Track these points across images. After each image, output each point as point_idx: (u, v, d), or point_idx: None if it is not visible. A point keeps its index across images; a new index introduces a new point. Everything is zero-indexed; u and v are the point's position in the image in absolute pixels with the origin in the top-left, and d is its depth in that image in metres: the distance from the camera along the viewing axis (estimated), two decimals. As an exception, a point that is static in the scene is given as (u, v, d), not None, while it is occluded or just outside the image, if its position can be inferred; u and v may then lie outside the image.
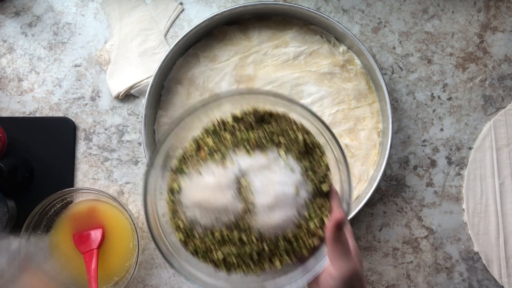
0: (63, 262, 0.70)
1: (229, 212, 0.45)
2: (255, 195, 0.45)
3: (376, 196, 0.73)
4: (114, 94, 0.74)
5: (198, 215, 0.45)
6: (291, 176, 0.46)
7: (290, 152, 0.47)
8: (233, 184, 0.45)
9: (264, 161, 0.46)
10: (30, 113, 0.75)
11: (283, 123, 0.49)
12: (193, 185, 0.46)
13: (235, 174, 0.46)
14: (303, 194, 0.46)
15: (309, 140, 0.48)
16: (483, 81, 0.75)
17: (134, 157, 0.74)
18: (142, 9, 0.76)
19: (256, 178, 0.45)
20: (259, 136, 0.48)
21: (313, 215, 0.46)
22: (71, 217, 0.71)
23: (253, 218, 0.45)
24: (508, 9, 0.75)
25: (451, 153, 0.74)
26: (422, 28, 0.75)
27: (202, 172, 0.46)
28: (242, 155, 0.47)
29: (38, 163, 0.73)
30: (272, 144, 0.47)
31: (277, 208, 0.45)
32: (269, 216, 0.45)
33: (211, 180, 0.45)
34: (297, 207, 0.46)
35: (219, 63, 0.72)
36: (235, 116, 0.49)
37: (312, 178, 0.47)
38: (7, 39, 0.76)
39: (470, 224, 0.72)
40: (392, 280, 0.73)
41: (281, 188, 0.45)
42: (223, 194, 0.45)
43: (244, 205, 0.45)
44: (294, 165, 0.47)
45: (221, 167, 0.46)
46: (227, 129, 0.49)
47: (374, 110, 0.72)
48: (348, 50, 0.72)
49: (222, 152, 0.47)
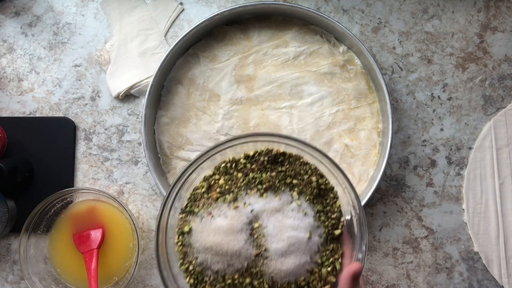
0: (63, 262, 0.70)
1: (241, 257, 0.44)
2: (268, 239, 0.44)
3: (376, 196, 0.73)
4: (114, 94, 0.74)
5: (209, 259, 0.44)
6: (304, 220, 0.45)
7: (303, 194, 0.47)
8: (246, 227, 0.44)
9: (277, 204, 0.45)
10: (30, 113, 0.75)
11: (296, 165, 0.48)
12: (205, 227, 0.45)
13: (247, 217, 0.44)
14: (316, 239, 0.45)
15: (322, 183, 0.48)
16: (483, 81, 0.75)
17: (134, 157, 0.74)
18: (142, 9, 0.76)
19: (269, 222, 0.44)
20: (272, 177, 0.47)
21: (325, 261, 0.45)
22: (71, 217, 0.71)
23: (265, 264, 0.44)
24: (508, 9, 0.75)
25: (451, 153, 0.74)
26: (422, 28, 0.75)
27: (213, 214, 0.45)
28: (254, 197, 0.46)
29: (38, 163, 0.73)
30: (285, 186, 0.47)
31: (290, 254, 0.44)
32: (282, 262, 0.44)
33: (223, 223, 0.44)
34: (310, 253, 0.45)
35: (219, 63, 0.72)
36: (248, 155, 0.48)
37: (325, 222, 0.46)
38: (7, 39, 0.76)
39: (470, 224, 0.72)
40: (392, 280, 0.73)
41: (295, 234, 0.44)
42: (235, 238, 0.44)
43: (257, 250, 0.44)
44: (307, 209, 0.46)
45: (233, 209, 0.45)
46: (239, 169, 0.48)
47: (374, 110, 0.72)
48: (348, 50, 0.72)
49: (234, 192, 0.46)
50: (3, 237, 0.73)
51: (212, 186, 0.47)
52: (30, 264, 0.68)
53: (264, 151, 0.48)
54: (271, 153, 0.48)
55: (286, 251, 0.44)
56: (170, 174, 0.71)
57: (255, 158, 0.48)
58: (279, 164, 0.48)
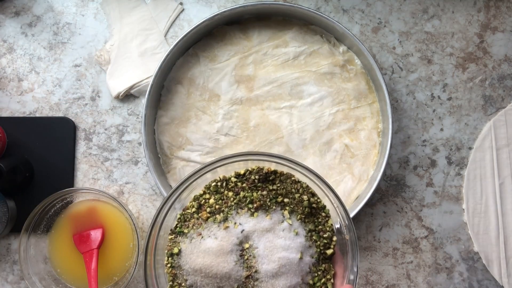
0: (63, 262, 0.70)
1: (231, 279, 0.43)
2: (259, 260, 0.43)
3: (376, 196, 0.73)
4: (114, 94, 0.74)
5: (199, 282, 0.44)
6: (295, 240, 0.44)
7: (294, 214, 0.46)
8: (236, 248, 0.44)
9: (268, 224, 0.45)
10: (30, 113, 0.75)
11: (287, 183, 0.47)
12: (194, 249, 0.44)
13: (238, 237, 0.44)
14: (307, 259, 0.45)
15: (314, 201, 0.47)
16: (483, 81, 0.75)
17: (134, 157, 0.74)
18: (142, 9, 0.76)
19: (259, 242, 0.44)
20: (262, 196, 0.46)
21: (317, 282, 0.45)
22: (71, 217, 0.71)
23: (256, 286, 0.43)
24: (508, 9, 0.75)
25: (451, 153, 0.74)
26: (422, 28, 0.75)
27: (203, 235, 0.44)
28: (245, 216, 0.45)
29: (38, 163, 0.73)
30: (277, 205, 0.46)
31: (281, 276, 0.43)
32: (273, 284, 0.43)
33: (213, 244, 0.43)
34: (301, 274, 0.44)
35: (219, 63, 0.72)
36: (239, 174, 0.47)
37: (317, 242, 0.45)
38: (7, 39, 0.76)
39: (470, 224, 0.72)
40: (392, 280, 0.73)
41: (286, 254, 0.43)
42: (225, 260, 0.43)
43: (247, 272, 0.43)
44: (298, 228, 0.45)
45: (223, 229, 0.44)
46: (230, 188, 0.47)
47: (374, 110, 0.72)
48: (348, 50, 0.72)
49: (224, 212, 0.45)
50: (3, 237, 0.73)
51: (202, 205, 0.47)
52: (30, 264, 0.68)
53: (255, 170, 0.47)
54: (262, 172, 0.47)
55: (277, 273, 0.43)
56: (170, 174, 0.71)
57: (246, 176, 0.47)
58: (270, 183, 0.47)
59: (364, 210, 0.73)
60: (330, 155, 0.71)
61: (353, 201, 0.70)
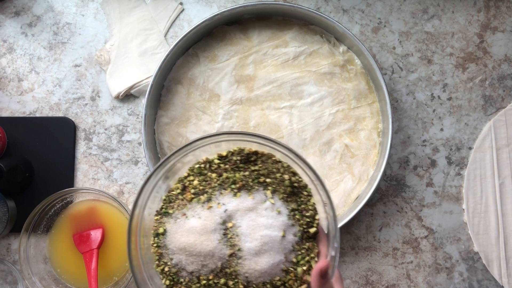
0: (63, 262, 0.70)
1: (215, 257, 0.44)
2: (242, 239, 0.44)
3: (376, 196, 0.73)
4: (114, 94, 0.74)
5: (184, 260, 0.44)
6: (278, 218, 0.45)
7: (276, 193, 0.46)
8: (219, 227, 0.44)
9: (250, 203, 0.45)
10: (30, 113, 0.75)
11: (269, 164, 0.48)
12: (179, 228, 0.45)
13: (221, 217, 0.44)
14: (290, 237, 0.45)
15: (295, 180, 0.47)
16: (483, 81, 0.75)
17: (134, 157, 0.74)
18: (142, 9, 0.76)
19: (242, 221, 0.44)
20: (245, 176, 0.47)
21: (301, 260, 0.45)
22: (71, 217, 0.71)
23: (240, 264, 0.44)
24: (508, 9, 0.75)
25: (451, 153, 0.74)
26: (422, 28, 0.75)
27: (187, 215, 0.45)
28: (228, 197, 0.46)
29: (38, 163, 0.73)
30: (259, 185, 0.46)
31: (264, 253, 0.43)
32: (256, 261, 0.43)
33: (197, 223, 0.44)
34: (284, 252, 0.44)
35: (219, 63, 0.72)
36: (221, 156, 0.48)
37: (300, 221, 0.46)
38: (7, 39, 0.76)
39: (470, 224, 0.72)
40: (392, 280, 0.73)
41: (268, 232, 0.44)
42: (209, 238, 0.44)
43: (230, 250, 0.44)
44: (281, 207, 0.46)
45: (207, 209, 0.45)
46: (213, 169, 0.48)
47: (374, 110, 0.72)
48: (348, 50, 0.72)
49: (208, 193, 0.46)
50: (3, 237, 0.73)
51: (186, 187, 0.47)
52: (30, 264, 0.68)
53: (236, 151, 0.48)
54: (243, 153, 0.48)
55: (259, 250, 0.43)
56: (170, 174, 0.71)
57: (228, 158, 0.48)
58: (252, 163, 0.48)
59: (364, 210, 0.73)
60: (330, 155, 0.71)
61: (353, 201, 0.70)
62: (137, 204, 0.45)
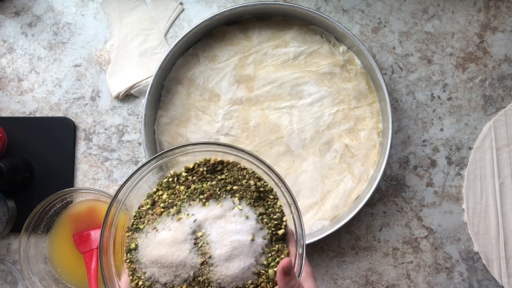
0: (63, 262, 0.70)
1: (187, 267, 0.44)
2: (212, 246, 0.45)
3: (376, 196, 0.73)
4: (114, 94, 0.74)
5: (156, 273, 0.45)
6: (246, 223, 0.46)
7: (244, 199, 0.48)
8: (189, 237, 0.45)
9: (219, 211, 0.46)
10: (30, 113, 0.75)
11: (235, 171, 0.49)
12: (150, 242, 0.46)
13: (190, 227, 0.45)
14: (260, 241, 0.46)
15: (261, 185, 0.49)
16: (483, 81, 0.75)
17: (134, 157, 0.74)
18: (142, 9, 0.76)
19: (212, 229, 0.45)
20: (212, 186, 0.48)
21: (271, 262, 0.46)
22: (71, 217, 0.71)
23: (212, 271, 0.45)
24: (508, 9, 0.75)
25: (451, 153, 0.74)
26: (422, 28, 0.75)
27: (158, 228, 0.46)
28: (197, 207, 0.47)
29: (38, 163, 0.73)
30: (226, 193, 0.48)
31: (234, 258, 0.44)
32: (227, 267, 0.44)
33: (167, 235, 0.45)
34: (254, 255, 0.45)
35: (219, 63, 0.72)
36: (188, 168, 0.50)
37: (268, 224, 0.47)
38: (7, 39, 0.76)
39: (470, 224, 0.72)
40: (392, 280, 0.73)
41: (237, 237, 0.45)
42: (179, 248, 0.45)
43: (201, 259, 0.45)
44: (248, 212, 0.47)
45: (177, 221, 0.46)
46: (181, 182, 0.49)
47: (374, 110, 0.72)
48: (348, 50, 0.72)
49: (177, 205, 0.47)
50: (3, 237, 0.73)
51: (156, 202, 0.49)
52: (30, 264, 0.68)
53: (202, 162, 0.50)
54: (209, 163, 0.49)
55: (230, 256, 0.44)
56: (170, 174, 0.71)
57: (195, 169, 0.49)
58: (219, 173, 0.49)
59: (364, 210, 0.73)
60: (330, 155, 0.71)
61: (353, 201, 0.70)
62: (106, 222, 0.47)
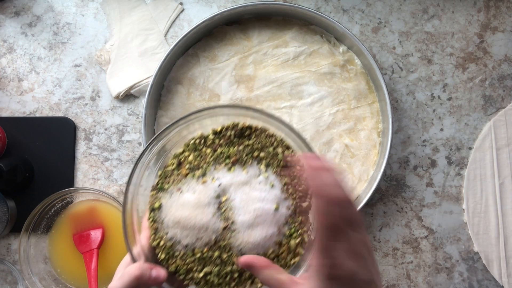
0: (63, 262, 0.70)
1: (209, 230, 0.44)
2: (235, 212, 0.44)
3: (376, 196, 0.73)
4: (114, 94, 0.74)
5: (178, 234, 0.45)
6: (271, 192, 0.45)
7: (270, 167, 0.47)
8: (213, 201, 0.45)
9: (244, 177, 0.46)
10: (30, 113, 0.75)
11: (262, 138, 0.48)
12: (173, 202, 0.46)
13: (215, 191, 0.45)
14: (283, 211, 0.45)
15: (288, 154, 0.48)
16: (483, 81, 0.75)
17: (134, 157, 0.74)
18: (142, 9, 0.76)
19: (236, 195, 0.45)
20: (239, 151, 0.47)
21: (294, 233, 0.45)
22: (71, 217, 0.71)
23: (233, 237, 0.44)
24: (508, 9, 0.75)
25: (451, 153, 0.74)
26: (422, 28, 0.75)
27: (182, 190, 0.46)
28: (222, 171, 0.46)
29: (38, 163, 0.73)
30: (253, 159, 0.47)
31: (257, 226, 0.44)
32: (249, 234, 0.44)
33: (191, 197, 0.45)
34: (277, 225, 0.45)
35: (219, 63, 0.72)
36: (216, 131, 0.49)
37: (293, 194, 0.46)
38: (7, 39, 0.76)
39: (470, 224, 0.72)
40: (392, 280, 0.73)
41: (261, 205, 0.44)
42: (203, 212, 0.44)
43: (224, 223, 0.44)
44: (274, 181, 0.46)
45: (201, 183, 0.46)
46: (208, 145, 0.48)
47: (374, 110, 0.72)
48: (348, 50, 0.72)
49: (203, 168, 0.47)
50: (3, 237, 0.73)
51: (182, 163, 0.48)
52: (30, 264, 0.68)
53: (230, 126, 0.48)
54: (237, 127, 0.48)
55: (252, 223, 0.44)
56: (170, 174, 0.71)
57: (222, 133, 0.48)
58: (246, 138, 0.48)
59: (364, 210, 0.73)
60: (330, 155, 0.71)
61: (353, 201, 0.70)
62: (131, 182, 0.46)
